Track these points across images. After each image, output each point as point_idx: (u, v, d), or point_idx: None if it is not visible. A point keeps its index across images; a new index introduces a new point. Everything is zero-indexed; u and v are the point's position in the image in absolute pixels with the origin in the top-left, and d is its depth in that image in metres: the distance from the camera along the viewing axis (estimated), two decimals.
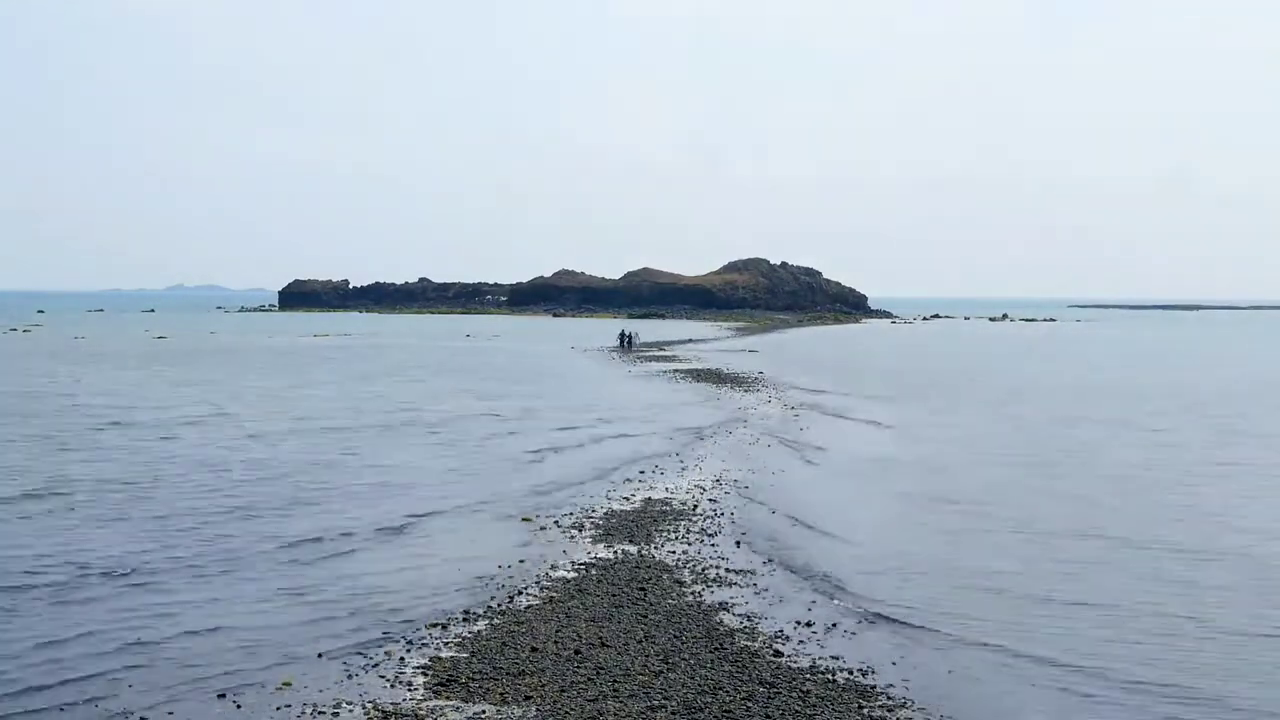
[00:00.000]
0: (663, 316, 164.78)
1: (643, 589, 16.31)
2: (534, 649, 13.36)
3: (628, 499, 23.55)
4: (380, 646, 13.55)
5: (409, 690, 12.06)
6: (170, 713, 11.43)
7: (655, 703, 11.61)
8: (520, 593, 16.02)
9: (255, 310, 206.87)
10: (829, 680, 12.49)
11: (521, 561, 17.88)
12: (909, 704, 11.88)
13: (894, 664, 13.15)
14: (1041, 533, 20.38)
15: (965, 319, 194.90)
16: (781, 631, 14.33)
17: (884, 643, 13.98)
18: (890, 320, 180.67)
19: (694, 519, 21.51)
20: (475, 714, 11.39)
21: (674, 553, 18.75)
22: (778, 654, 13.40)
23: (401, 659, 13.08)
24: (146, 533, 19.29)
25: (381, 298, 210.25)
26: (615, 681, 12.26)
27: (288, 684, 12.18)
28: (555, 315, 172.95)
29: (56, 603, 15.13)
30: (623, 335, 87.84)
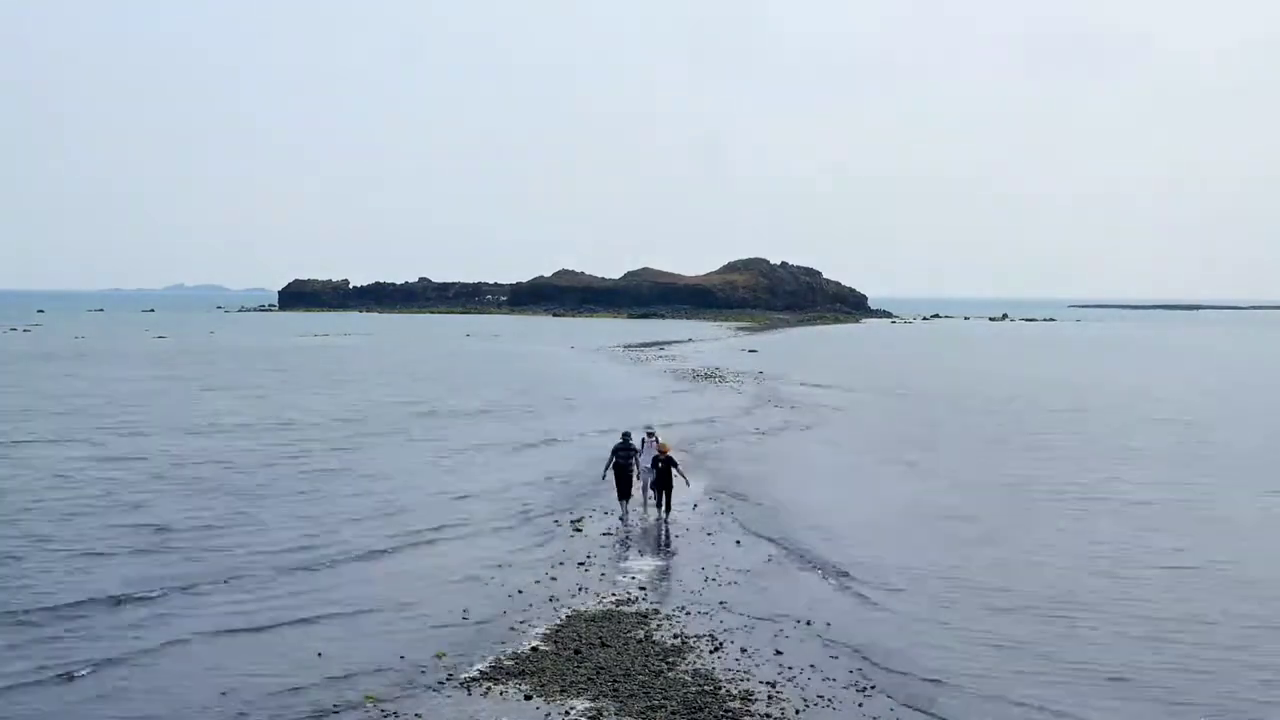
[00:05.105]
0: (663, 316, 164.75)
1: (643, 588, 16.30)
2: (534, 648, 13.33)
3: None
4: (380, 646, 13.51)
5: (409, 689, 12.03)
6: (171, 709, 11.40)
7: (655, 703, 11.57)
8: (521, 592, 15.99)
9: (255, 310, 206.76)
10: (829, 679, 12.46)
11: (522, 561, 17.87)
12: (910, 705, 11.84)
13: (895, 662, 13.13)
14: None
15: (965, 319, 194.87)
16: (782, 630, 14.30)
17: (883, 642, 13.95)
18: (890, 320, 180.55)
19: (693, 516, 21.49)
20: (474, 713, 11.36)
21: (675, 551, 18.74)
22: (778, 652, 13.37)
23: (402, 658, 13.04)
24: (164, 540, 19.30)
25: (381, 298, 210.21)
26: (615, 681, 12.22)
27: (294, 688, 12.13)
28: (555, 315, 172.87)
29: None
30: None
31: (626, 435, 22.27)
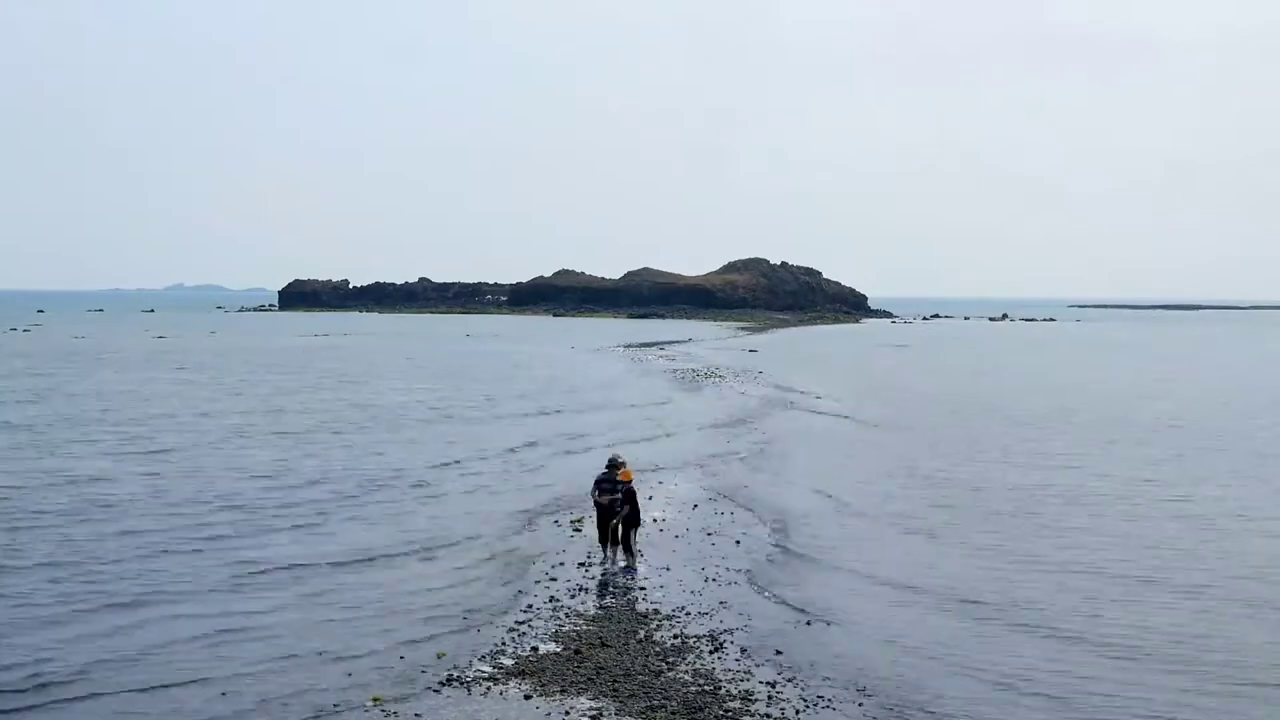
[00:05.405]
0: (663, 316, 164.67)
1: (643, 587, 16.32)
2: (534, 648, 13.35)
3: None
4: (381, 646, 13.53)
5: (409, 689, 12.04)
6: (169, 710, 11.42)
7: (655, 703, 11.59)
8: (521, 593, 16.00)
9: (255, 310, 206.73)
10: (829, 679, 12.47)
11: (522, 561, 17.88)
12: (909, 704, 11.86)
13: (894, 663, 13.15)
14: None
15: (965, 319, 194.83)
16: (782, 630, 14.31)
17: (884, 642, 13.97)
18: (890, 320, 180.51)
19: (693, 516, 21.51)
20: (475, 713, 11.37)
21: (675, 551, 18.74)
22: (778, 652, 13.38)
23: (402, 658, 13.06)
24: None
25: (381, 298, 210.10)
26: (615, 681, 12.24)
27: (294, 688, 12.14)
28: (555, 315, 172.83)
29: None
30: None
31: (613, 463, 17.79)
